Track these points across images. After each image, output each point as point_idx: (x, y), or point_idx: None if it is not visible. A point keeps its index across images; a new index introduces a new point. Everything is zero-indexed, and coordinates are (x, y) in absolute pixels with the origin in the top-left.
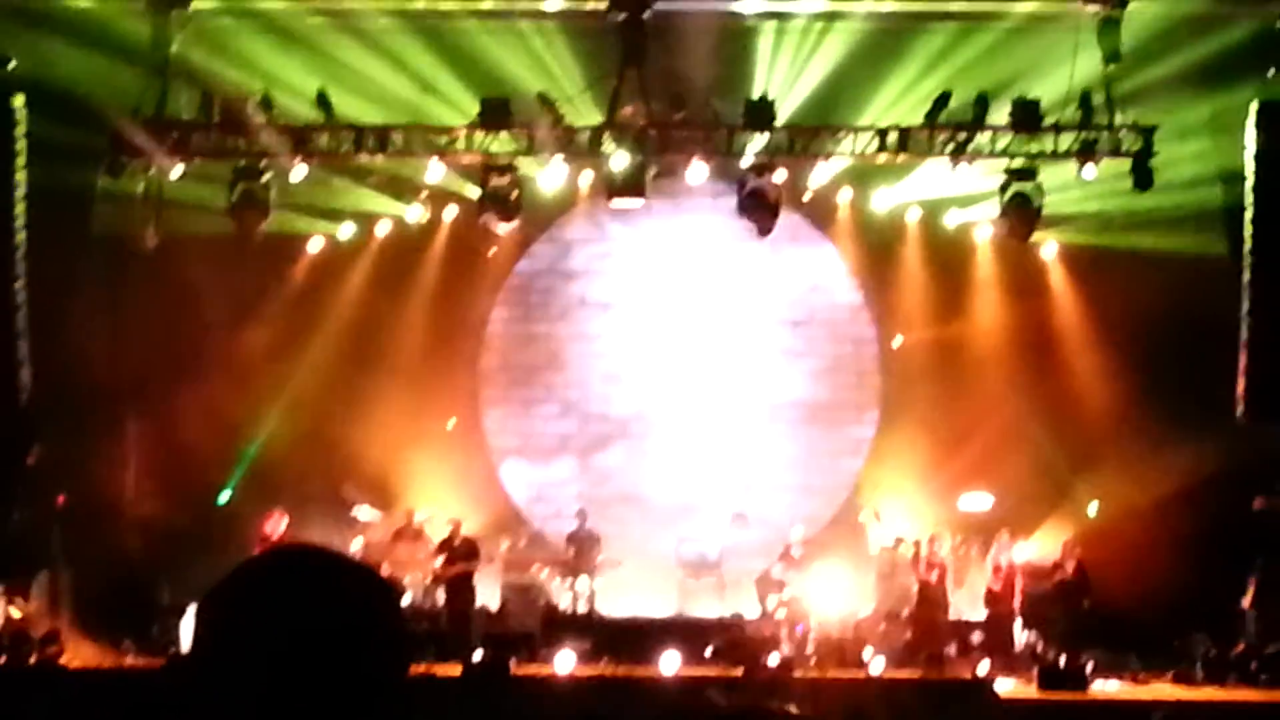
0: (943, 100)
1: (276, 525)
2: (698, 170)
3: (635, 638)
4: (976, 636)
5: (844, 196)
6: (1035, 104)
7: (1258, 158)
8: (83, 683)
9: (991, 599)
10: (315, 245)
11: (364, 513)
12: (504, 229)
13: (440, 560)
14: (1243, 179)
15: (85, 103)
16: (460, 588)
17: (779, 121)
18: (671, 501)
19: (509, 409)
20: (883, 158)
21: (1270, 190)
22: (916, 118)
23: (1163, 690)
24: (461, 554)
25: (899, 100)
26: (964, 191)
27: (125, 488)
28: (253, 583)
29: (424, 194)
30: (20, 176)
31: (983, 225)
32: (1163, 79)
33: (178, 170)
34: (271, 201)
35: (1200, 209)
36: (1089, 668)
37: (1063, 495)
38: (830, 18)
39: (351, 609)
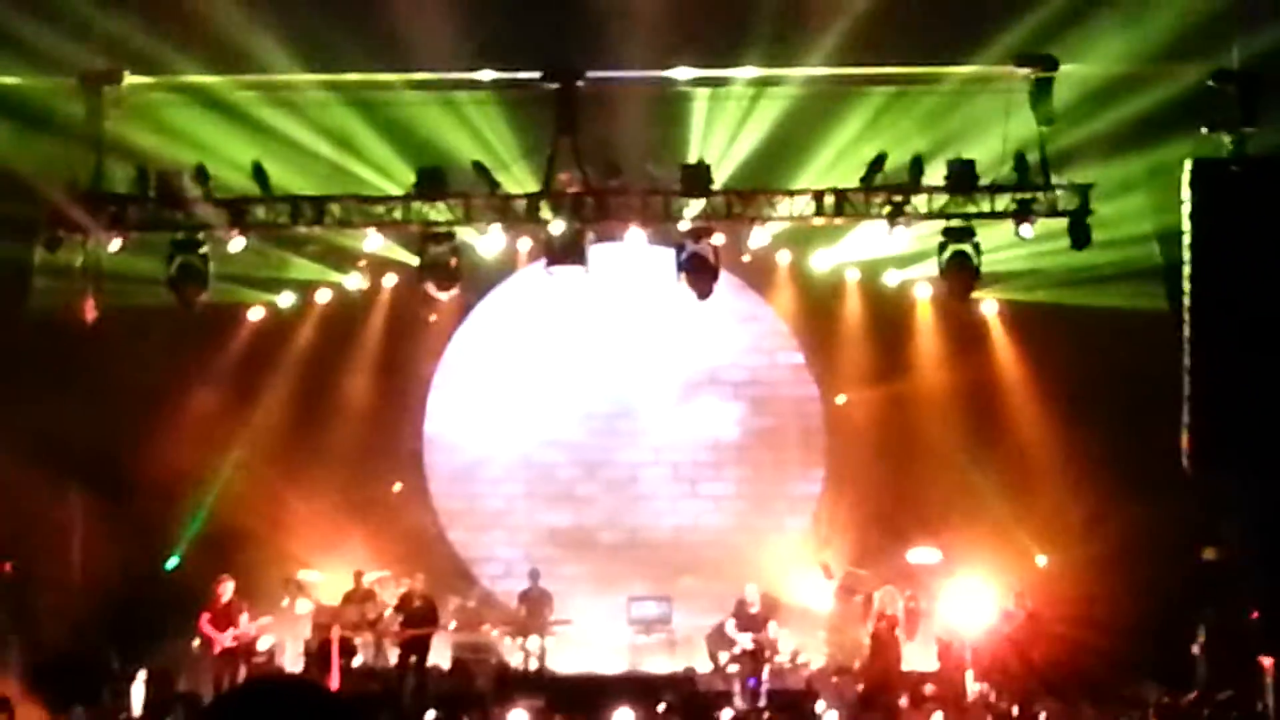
0: (878, 162)
1: (226, 590)
2: (636, 236)
3: (587, 695)
4: (929, 688)
5: (783, 258)
6: (971, 165)
7: (1193, 215)
8: None
9: (943, 650)
10: (256, 314)
11: (309, 575)
12: (444, 296)
13: (399, 622)
14: (1181, 234)
15: (20, 178)
16: (413, 647)
17: (716, 186)
18: (621, 559)
19: (454, 471)
20: (820, 220)
21: (1207, 246)
22: (853, 180)
23: None
24: (421, 616)
25: (835, 163)
26: (902, 251)
27: (72, 554)
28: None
29: (363, 262)
30: None
31: (922, 284)
32: (1097, 138)
33: (115, 244)
34: (210, 273)
35: (1139, 264)
36: (1041, 718)
37: (1011, 548)
38: (764, 83)
39: None
